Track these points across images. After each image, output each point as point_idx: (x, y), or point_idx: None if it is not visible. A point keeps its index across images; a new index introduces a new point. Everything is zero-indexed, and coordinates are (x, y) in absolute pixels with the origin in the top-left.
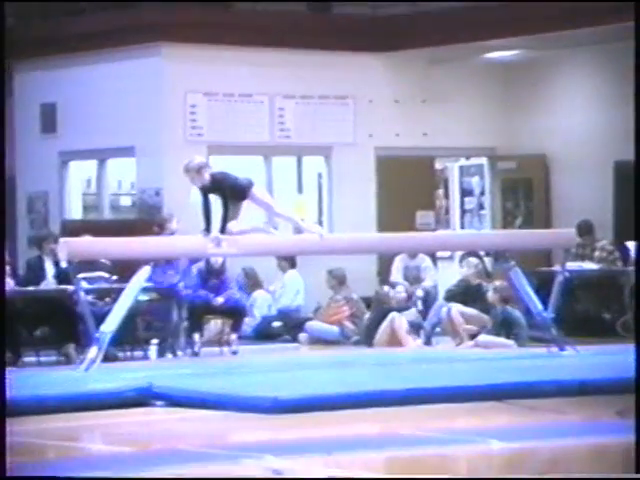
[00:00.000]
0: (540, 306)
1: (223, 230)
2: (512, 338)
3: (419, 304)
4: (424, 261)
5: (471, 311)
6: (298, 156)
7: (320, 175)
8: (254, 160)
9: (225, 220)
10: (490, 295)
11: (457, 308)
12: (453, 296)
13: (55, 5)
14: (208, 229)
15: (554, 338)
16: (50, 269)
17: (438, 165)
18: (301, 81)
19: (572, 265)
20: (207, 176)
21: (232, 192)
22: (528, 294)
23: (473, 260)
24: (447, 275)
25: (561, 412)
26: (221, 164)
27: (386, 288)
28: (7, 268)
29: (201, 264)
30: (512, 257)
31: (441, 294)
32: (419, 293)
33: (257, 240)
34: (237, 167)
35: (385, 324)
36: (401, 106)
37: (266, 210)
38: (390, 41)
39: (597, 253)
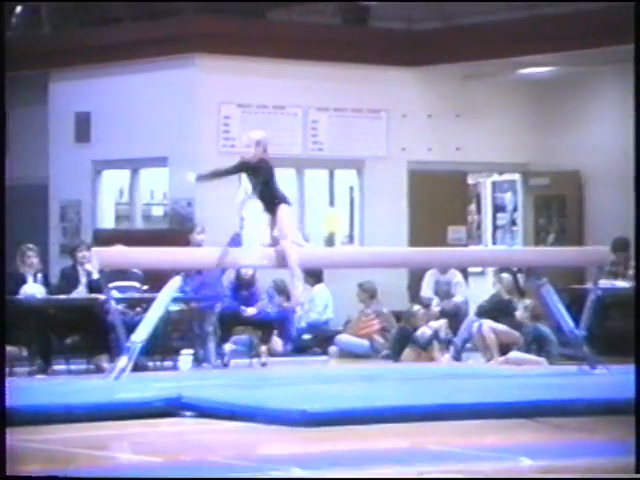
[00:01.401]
0: (572, 324)
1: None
2: (543, 355)
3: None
4: (455, 276)
5: (502, 327)
6: (330, 169)
7: (352, 188)
8: (287, 172)
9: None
10: (520, 313)
11: (488, 324)
12: (484, 312)
13: (90, 14)
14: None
15: (585, 356)
16: (84, 278)
17: (471, 180)
18: (335, 94)
19: (605, 283)
20: (260, 155)
21: (264, 187)
22: (560, 311)
23: (505, 276)
24: (478, 291)
25: (591, 431)
26: None
27: (416, 307)
28: (39, 275)
29: (232, 275)
30: (544, 274)
31: (472, 310)
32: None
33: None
34: None
35: (407, 352)
36: (434, 120)
37: (278, 230)
38: (424, 56)
39: (631, 271)
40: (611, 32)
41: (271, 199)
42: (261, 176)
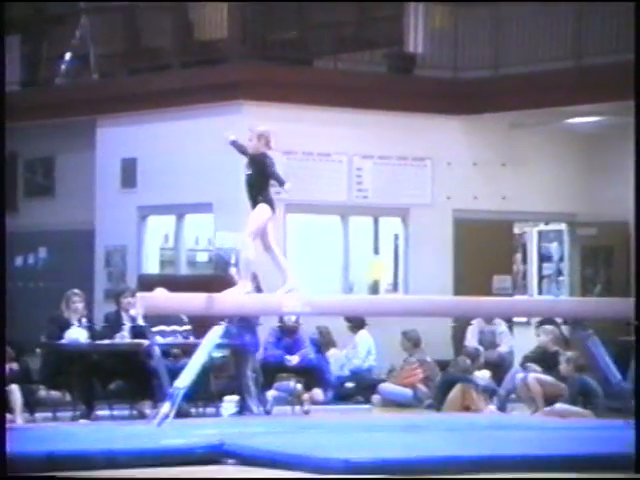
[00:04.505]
0: (619, 376)
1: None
2: (589, 408)
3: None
4: (500, 326)
5: (548, 379)
6: (375, 217)
7: (397, 236)
8: (331, 219)
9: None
10: (563, 367)
11: (533, 375)
12: (530, 362)
13: (139, 61)
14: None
15: (632, 409)
16: (128, 324)
17: (517, 229)
18: (380, 142)
19: None
20: (261, 149)
21: (256, 179)
22: (606, 363)
23: (550, 327)
24: (523, 341)
25: None
26: (299, 222)
27: (468, 361)
28: (84, 320)
29: (275, 323)
30: (590, 325)
31: (517, 360)
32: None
33: (331, 299)
34: (314, 225)
35: (455, 391)
36: (480, 169)
37: (261, 236)
38: (470, 104)
39: None
40: None
41: (256, 193)
42: (256, 167)
